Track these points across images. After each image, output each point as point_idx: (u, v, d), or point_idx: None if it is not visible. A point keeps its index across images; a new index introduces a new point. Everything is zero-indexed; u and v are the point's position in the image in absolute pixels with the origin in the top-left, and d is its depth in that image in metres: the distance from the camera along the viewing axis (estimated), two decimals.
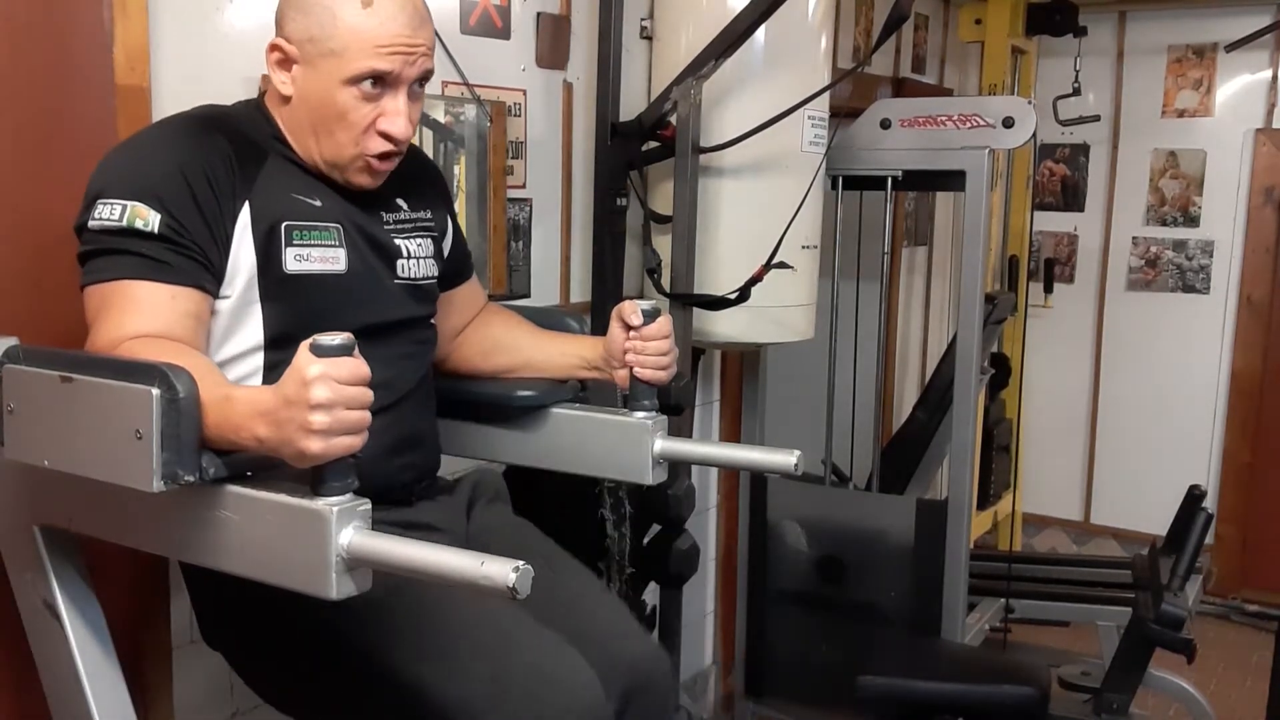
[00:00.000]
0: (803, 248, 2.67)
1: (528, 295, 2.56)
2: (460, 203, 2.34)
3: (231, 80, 1.84)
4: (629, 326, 1.63)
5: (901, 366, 4.59)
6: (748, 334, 2.71)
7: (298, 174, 1.50)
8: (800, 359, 3.32)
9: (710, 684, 3.49)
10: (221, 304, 1.42)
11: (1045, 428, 4.85)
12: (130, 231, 1.35)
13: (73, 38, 1.70)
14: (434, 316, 1.69)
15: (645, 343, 1.63)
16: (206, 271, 1.39)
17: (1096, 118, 4.57)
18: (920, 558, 3.01)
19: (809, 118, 2.62)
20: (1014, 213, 4.45)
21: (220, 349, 1.43)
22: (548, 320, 1.89)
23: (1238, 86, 4.54)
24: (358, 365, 1.11)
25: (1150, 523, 4.23)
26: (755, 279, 2.48)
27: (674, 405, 1.81)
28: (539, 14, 2.51)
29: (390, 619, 1.41)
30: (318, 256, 1.47)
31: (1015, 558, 3.68)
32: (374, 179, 1.52)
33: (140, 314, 1.33)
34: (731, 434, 3.34)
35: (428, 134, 2.27)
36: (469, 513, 1.71)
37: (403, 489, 1.59)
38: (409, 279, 1.60)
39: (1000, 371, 4.26)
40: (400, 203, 1.62)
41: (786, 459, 1.58)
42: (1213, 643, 4.03)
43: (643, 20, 2.75)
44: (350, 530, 1.10)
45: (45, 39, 1.67)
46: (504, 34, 2.44)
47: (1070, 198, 4.88)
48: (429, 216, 1.67)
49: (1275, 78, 4.47)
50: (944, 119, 2.95)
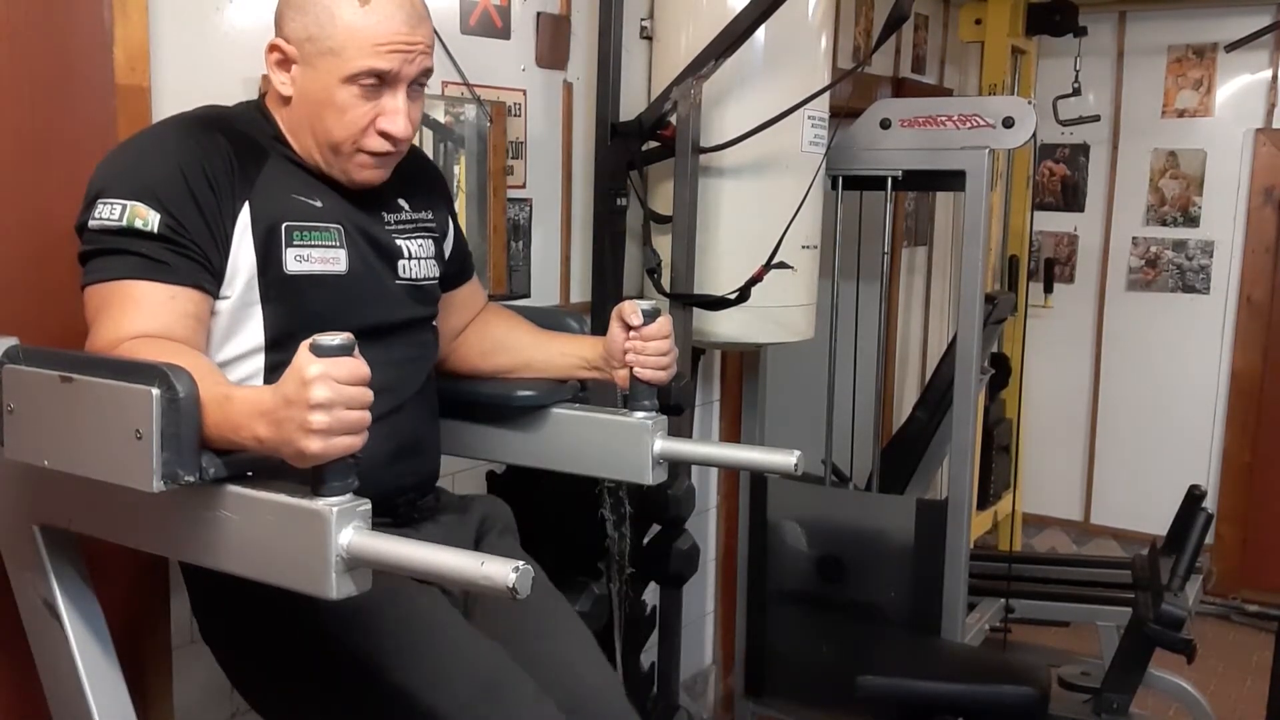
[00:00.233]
0: (803, 248, 2.67)
1: (528, 295, 2.56)
2: (460, 203, 2.34)
3: (231, 80, 1.84)
4: (629, 326, 1.63)
5: (901, 366, 4.59)
6: (748, 334, 2.71)
7: (298, 174, 1.50)
8: (800, 359, 3.31)
9: (710, 684, 3.49)
10: (221, 304, 1.41)
11: (1045, 428, 4.85)
12: (130, 231, 1.35)
13: (73, 38, 1.70)
14: (435, 318, 1.68)
15: (645, 343, 1.62)
16: (206, 271, 1.39)
17: (1096, 118, 4.57)
18: (920, 558, 3.01)
19: (809, 118, 2.62)
20: (1014, 213, 4.45)
21: (221, 350, 1.43)
22: (548, 320, 1.89)
23: (1238, 86, 4.54)
24: (357, 365, 1.11)
25: (1150, 523, 4.23)
26: (755, 279, 2.48)
27: (674, 405, 1.81)
28: (539, 14, 2.52)
29: (394, 642, 1.42)
30: (318, 257, 1.47)
31: (1015, 558, 3.69)
32: (374, 177, 1.52)
33: (140, 314, 1.33)
34: (731, 434, 3.34)
35: (428, 134, 2.27)
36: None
37: (402, 497, 1.58)
38: (410, 279, 1.59)
39: (1000, 371, 4.26)
40: (401, 203, 1.61)
41: (786, 459, 1.58)
42: (1213, 643, 4.03)
43: (643, 20, 2.75)
44: (350, 530, 1.10)
45: (45, 39, 1.67)
46: (504, 34, 2.44)
47: (1070, 198, 4.88)
48: (430, 217, 1.66)
49: (1275, 78, 4.47)
50: (944, 119, 2.95)
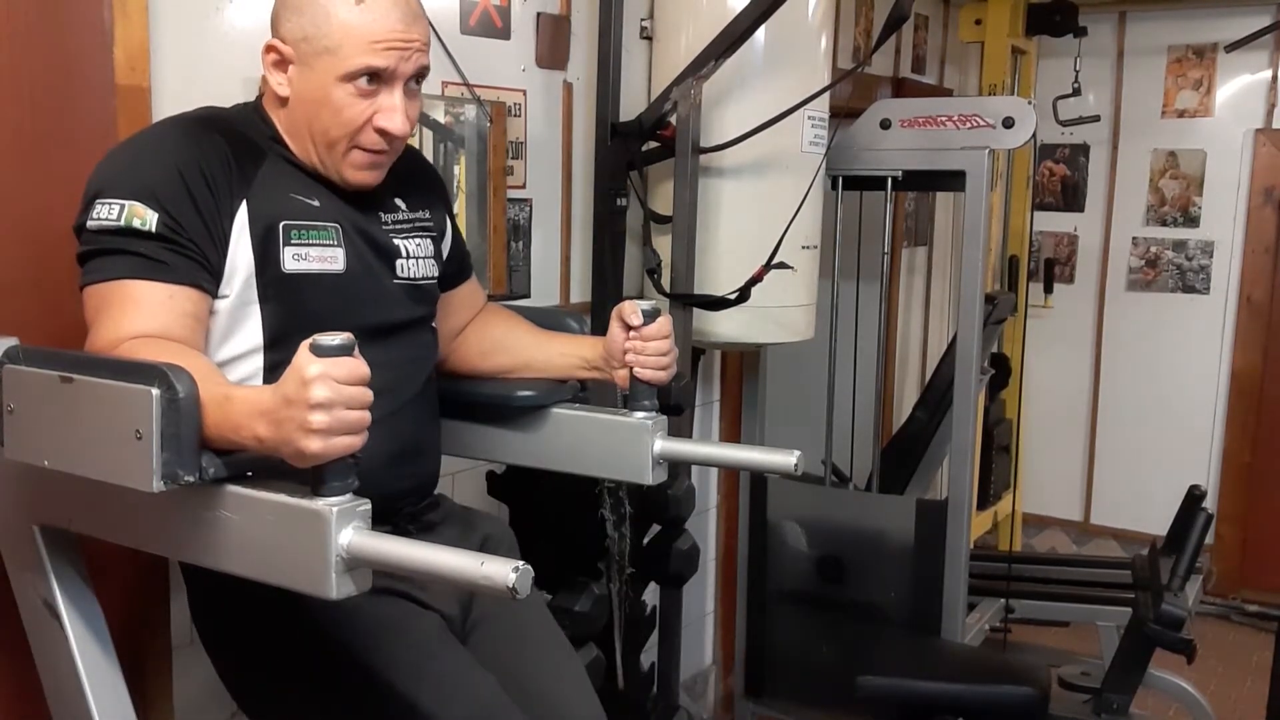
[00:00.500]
0: (803, 248, 2.66)
1: (528, 295, 2.56)
2: (460, 203, 2.34)
3: (231, 80, 1.84)
4: (629, 326, 1.63)
5: (901, 366, 4.59)
6: (748, 334, 2.71)
7: (296, 174, 1.50)
8: (800, 359, 3.32)
9: (710, 684, 3.49)
10: (220, 304, 1.41)
11: (1045, 428, 4.85)
12: (128, 231, 1.35)
13: (73, 38, 1.70)
14: (434, 319, 1.68)
15: (645, 343, 1.62)
16: (204, 270, 1.39)
17: (1096, 118, 4.57)
18: (920, 558, 3.01)
19: (809, 118, 2.62)
20: (1014, 213, 4.45)
21: (220, 350, 1.43)
22: (548, 320, 1.89)
23: (1238, 86, 4.54)
24: (357, 365, 1.11)
25: (1150, 523, 4.23)
26: (755, 279, 2.48)
27: (674, 405, 1.81)
28: (539, 14, 2.52)
29: (388, 669, 1.42)
30: (316, 256, 1.47)
31: (1015, 558, 3.69)
32: (370, 179, 1.52)
33: (139, 314, 1.33)
34: (731, 434, 3.34)
35: (428, 134, 2.27)
36: None
37: (402, 501, 1.58)
38: (408, 279, 1.59)
39: (1000, 371, 4.26)
40: (398, 203, 1.61)
41: (786, 459, 1.58)
42: (1213, 643, 4.03)
43: (643, 20, 2.75)
44: (350, 530, 1.10)
45: (45, 39, 1.67)
46: (504, 34, 2.44)
47: (1070, 198, 4.88)
48: (427, 217, 1.67)
49: (1275, 78, 4.47)
50: (944, 119, 2.95)
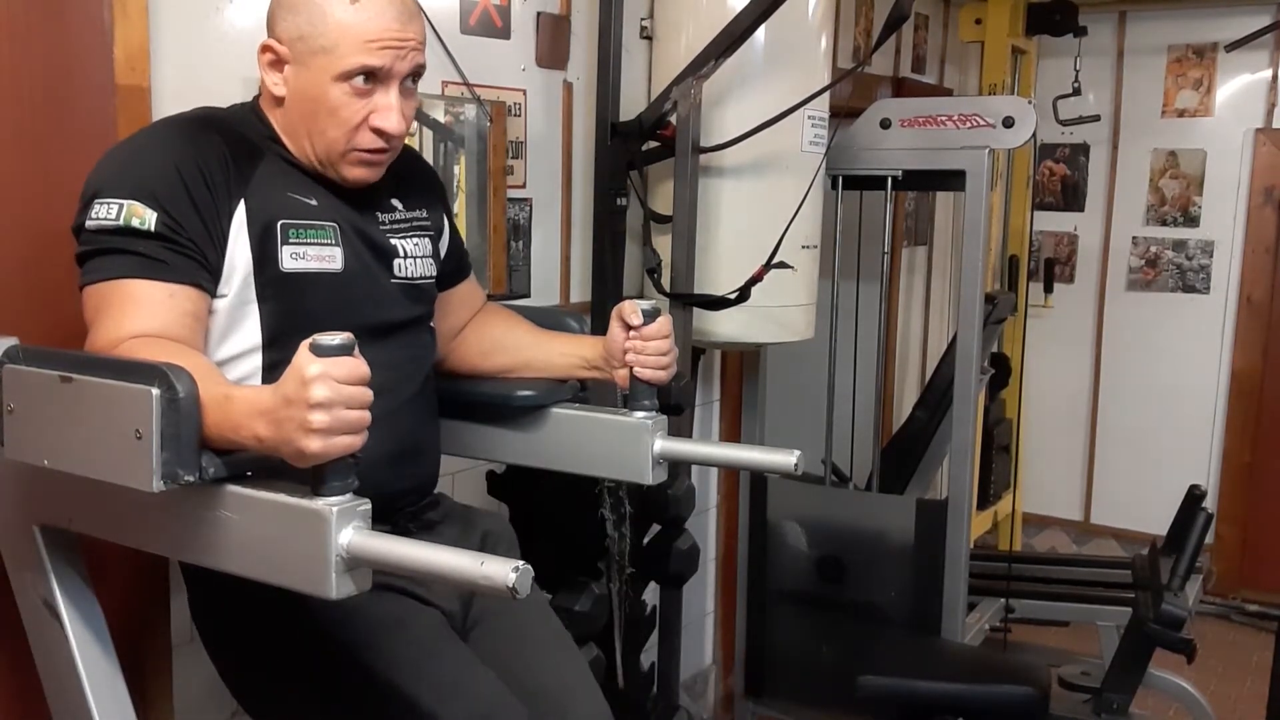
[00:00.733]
0: (803, 248, 2.66)
1: (528, 295, 2.56)
2: (460, 203, 2.34)
3: (231, 80, 1.84)
4: (629, 326, 1.63)
5: (901, 366, 4.59)
6: (748, 334, 2.71)
7: (293, 174, 1.50)
8: (800, 359, 3.31)
9: (710, 684, 3.49)
10: (219, 303, 1.42)
11: (1045, 428, 4.85)
12: (127, 230, 1.35)
13: (73, 38, 1.70)
14: (432, 318, 1.68)
15: (645, 342, 1.62)
16: (204, 269, 1.39)
17: (1096, 118, 4.57)
18: (920, 558, 3.01)
19: (809, 118, 2.62)
20: (1014, 213, 4.45)
21: (219, 349, 1.43)
22: (548, 320, 1.89)
23: (1238, 86, 4.54)
24: (357, 365, 1.11)
25: (1150, 523, 4.23)
26: (755, 279, 2.48)
27: (674, 405, 1.81)
28: (539, 14, 2.52)
29: (389, 664, 1.42)
30: (314, 255, 1.47)
31: (1015, 558, 3.69)
32: (368, 176, 1.52)
33: (139, 313, 1.33)
34: (731, 434, 3.34)
35: (428, 134, 2.26)
36: None
37: (402, 500, 1.58)
38: (406, 278, 1.59)
39: (1000, 371, 4.26)
40: (395, 203, 1.62)
41: (786, 459, 1.58)
42: (1213, 643, 4.03)
43: (643, 20, 2.75)
44: (350, 530, 1.10)
45: (45, 39, 1.67)
46: (504, 34, 2.44)
47: (1070, 198, 4.88)
48: (424, 216, 1.67)
49: (1275, 78, 4.47)
50: (944, 119, 2.95)
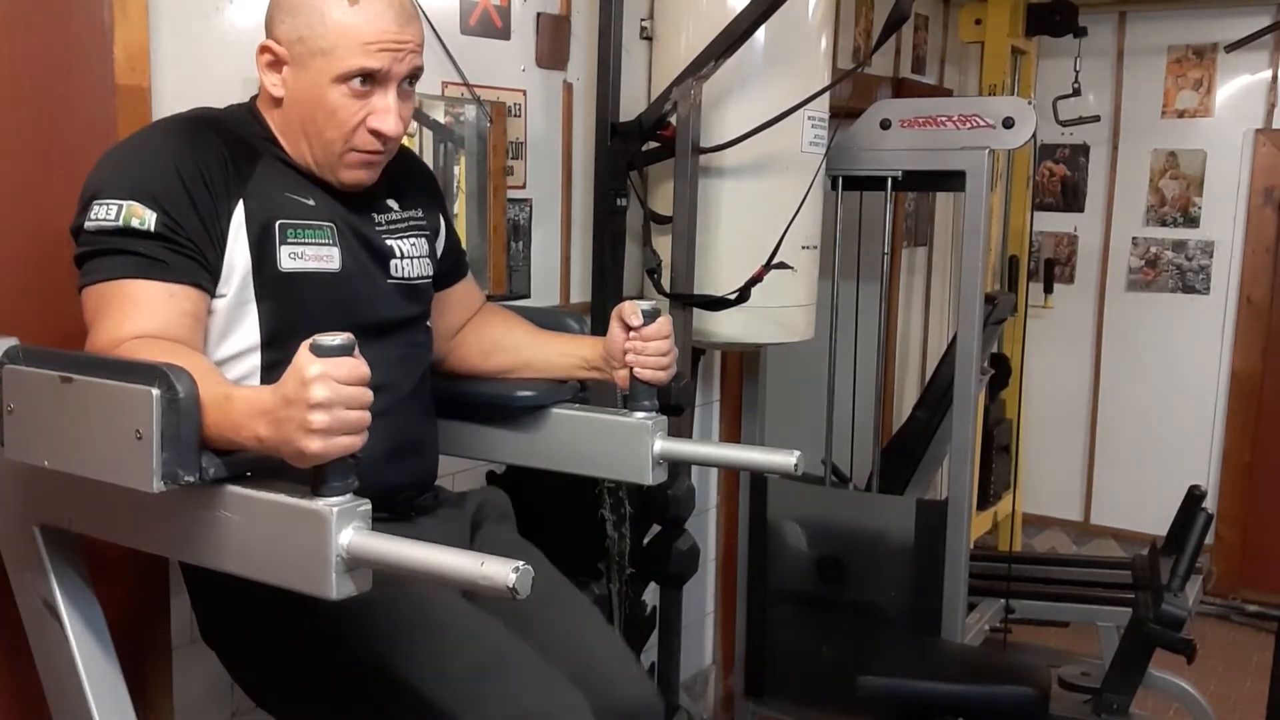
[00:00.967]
0: (803, 248, 2.66)
1: (528, 295, 2.56)
2: (460, 203, 2.34)
3: (231, 80, 1.84)
4: (629, 327, 1.63)
5: (901, 366, 4.59)
6: (748, 334, 2.71)
7: (291, 174, 1.50)
8: (800, 359, 3.31)
9: (710, 684, 3.49)
10: (217, 303, 1.42)
11: (1045, 428, 4.85)
12: (127, 231, 1.35)
13: (73, 38, 1.70)
14: (429, 318, 1.69)
15: (645, 343, 1.63)
16: (203, 269, 1.39)
17: (1096, 118, 4.57)
18: (920, 558, 3.01)
19: (809, 118, 2.62)
20: (1014, 213, 4.45)
21: (217, 349, 1.43)
22: (548, 320, 1.89)
23: (1238, 86, 4.54)
24: (357, 365, 1.11)
25: (1150, 523, 4.23)
26: (755, 279, 2.48)
27: (674, 405, 1.81)
28: (539, 14, 2.52)
29: (391, 628, 1.42)
30: (312, 255, 1.47)
31: (1015, 558, 3.69)
32: (364, 178, 1.52)
33: (139, 313, 1.33)
34: (731, 434, 3.34)
35: (428, 134, 2.27)
36: (474, 534, 1.70)
37: (400, 495, 1.58)
38: (402, 279, 1.60)
39: (1000, 371, 4.26)
40: (391, 203, 1.62)
41: (786, 459, 1.58)
42: (1213, 643, 4.03)
43: (643, 20, 2.75)
44: (350, 530, 1.10)
45: (45, 39, 1.67)
46: (504, 34, 2.44)
47: (1070, 198, 4.88)
48: (420, 215, 1.67)
49: (1275, 78, 4.47)
50: (944, 119, 2.95)
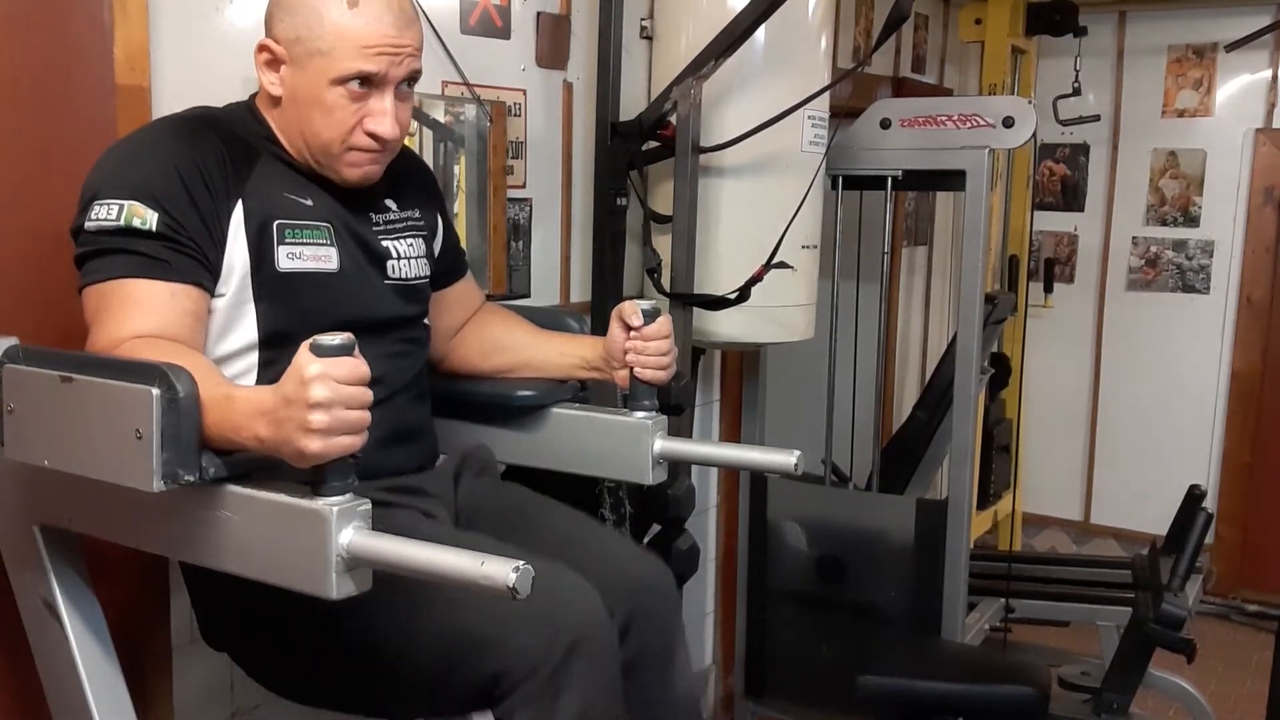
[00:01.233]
0: (803, 248, 2.66)
1: (528, 295, 2.56)
2: (460, 203, 2.34)
3: (231, 80, 1.83)
4: (629, 327, 1.64)
5: (901, 366, 4.59)
6: (748, 334, 2.71)
7: (289, 174, 1.51)
8: (800, 359, 3.31)
9: (710, 684, 3.49)
10: (217, 302, 1.42)
11: (1045, 428, 4.85)
12: (128, 231, 1.35)
13: (73, 38, 1.70)
14: (426, 316, 1.69)
15: (645, 343, 1.63)
16: (205, 269, 1.39)
17: (1096, 118, 4.57)
18: (920, 558, 3.01)
19: (809, 118, 2.62)
20: (1014, 213, 4.44)
21: (216, 347, 1.44)
22: (548, 320, 1.90)
23: (1238, 86, 4.54)
24: (357, 365, 1.11)
25: (1150, 523, 4.23)
26: (755, 279, 2.48)
27: (674, 405, 1.81)
28: (539, 14, 2.51)
29: (391, 597, 1.40)
30: (310, 254, 1.48)
31: (1015, 558, 3.69)
32: (367, 175, 1.53)
33: (140, 313, 1.33)
34: (731, 434, 3.34)
35: (428, 134, 2.26)
36: (456, 481, 1.69)
37: (399, 476, 1.58)
38: (399, 279, 1.60)
39: (1000, 371, 4.26)
40: (389, 203, 1.62)
41: (786, 459, 1.59)
42: (1213, 643, 4.03)
43: (643, 20, 2.75)
44: (350, 530, 1.10)
45: (45, 39, 1.66)
46: (504, 34, 2.44)
47: (1070, 198, 4.88)
48: (418, 215, 1.67)
49: (1275, 78, 4.47)
50: (944, 119, 2.95)
